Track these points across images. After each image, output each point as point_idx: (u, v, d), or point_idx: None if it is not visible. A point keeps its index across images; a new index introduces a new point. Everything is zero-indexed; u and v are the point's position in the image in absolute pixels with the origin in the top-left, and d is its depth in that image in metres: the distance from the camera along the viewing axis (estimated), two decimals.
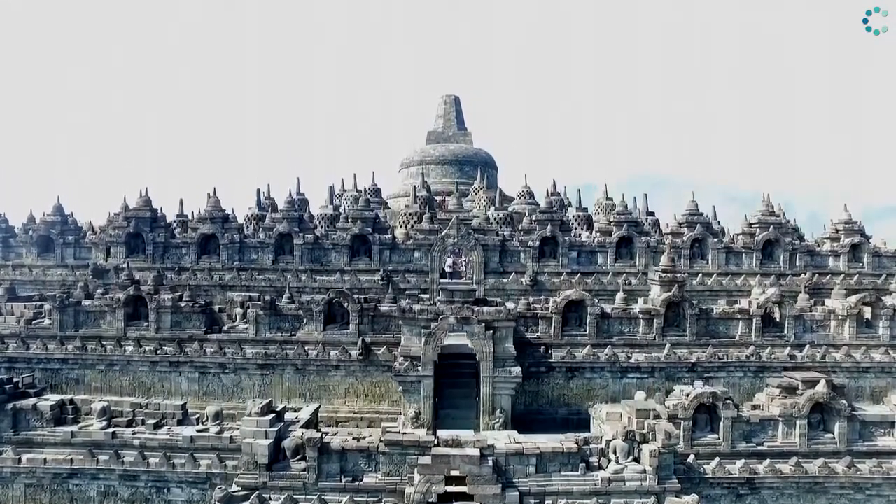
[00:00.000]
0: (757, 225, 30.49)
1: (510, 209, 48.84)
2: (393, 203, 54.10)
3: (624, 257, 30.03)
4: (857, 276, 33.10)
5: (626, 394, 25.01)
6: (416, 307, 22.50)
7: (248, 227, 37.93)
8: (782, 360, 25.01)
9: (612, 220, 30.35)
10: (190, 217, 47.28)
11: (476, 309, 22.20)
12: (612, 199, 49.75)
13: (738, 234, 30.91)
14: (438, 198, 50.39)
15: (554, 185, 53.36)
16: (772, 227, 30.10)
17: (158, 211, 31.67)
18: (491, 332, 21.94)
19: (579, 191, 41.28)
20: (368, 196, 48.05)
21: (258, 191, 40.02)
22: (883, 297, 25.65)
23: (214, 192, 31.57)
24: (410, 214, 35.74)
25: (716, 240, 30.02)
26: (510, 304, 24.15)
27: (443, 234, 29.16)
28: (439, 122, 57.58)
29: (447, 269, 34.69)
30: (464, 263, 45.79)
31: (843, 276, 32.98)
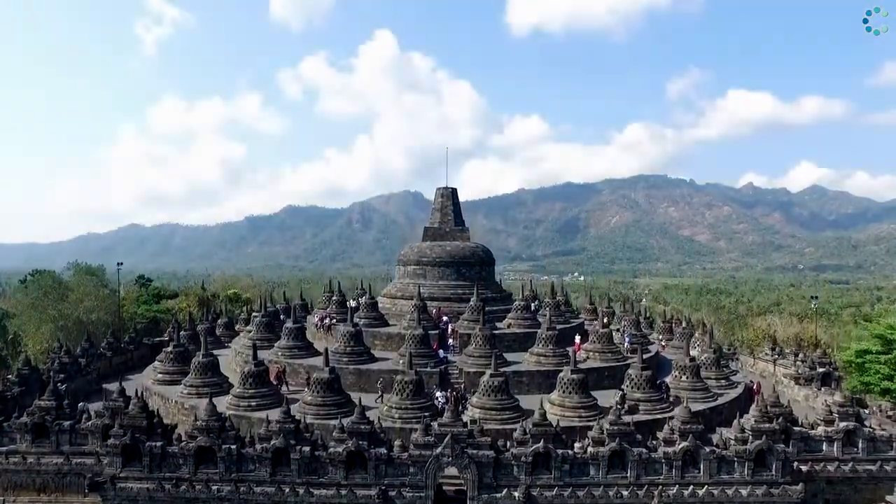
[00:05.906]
0: (750, 432, 30.57)
1: (508, 327, 48.98)
2: (390, 304, 54.21)
3: (616, 467, 30.23)
4: (851, 462, 33.48)
5: None
6: None
7: (245, 384, 38.19)
8: None
9: (605, 429, 30.40)
10: (193, 319, 46.88)
11: None
12: (613, 307, 49.76)
13: (730, 439, 30.99)
14: (433, 306, 50.49)
15: (552, 289, 53.31)
16: (765, 437, 30.18)
17: (155, 413, 31.76)
18: None
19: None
20: (361, 320, 48.08)
21: (254, 345, 40.00)
22: None
23: (211, 401, 31.57)
24: (406, 383, 35.80)
25: (708, 450, 30.14)
26: None
27: (437, 452, 29.34)
28: (436, 216, 56.91)
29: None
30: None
31: (837, 463, 33.43)
